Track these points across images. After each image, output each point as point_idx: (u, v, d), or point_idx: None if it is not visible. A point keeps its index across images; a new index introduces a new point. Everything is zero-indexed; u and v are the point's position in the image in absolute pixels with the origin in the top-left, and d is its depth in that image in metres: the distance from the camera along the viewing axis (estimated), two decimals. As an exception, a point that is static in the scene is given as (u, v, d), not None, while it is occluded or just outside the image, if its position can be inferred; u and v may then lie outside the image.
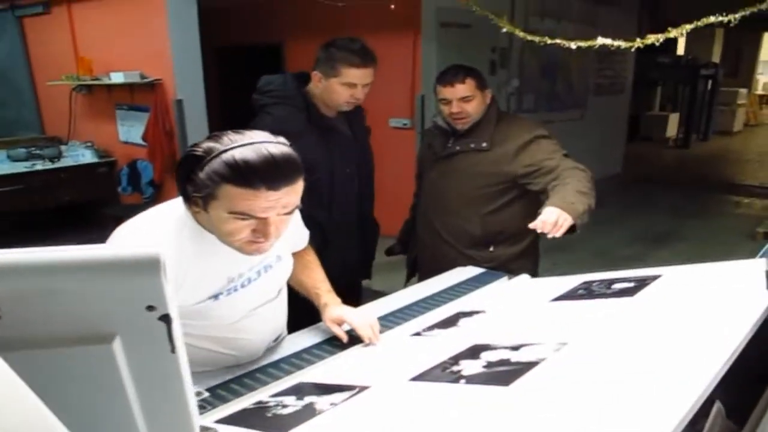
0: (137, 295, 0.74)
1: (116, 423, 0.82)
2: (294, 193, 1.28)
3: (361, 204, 2.50)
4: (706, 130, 13.02)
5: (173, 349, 0.79)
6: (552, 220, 1.89)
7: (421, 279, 2.44)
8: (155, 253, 0.74)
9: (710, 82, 12.53)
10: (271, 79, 2.32)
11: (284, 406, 1.25)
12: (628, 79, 9.03)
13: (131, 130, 5.54)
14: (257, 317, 1.51)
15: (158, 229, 1.34)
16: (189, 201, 1.30)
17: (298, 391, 1.34)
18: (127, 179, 5.57)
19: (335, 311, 1.67)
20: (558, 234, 1.91)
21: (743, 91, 14.58)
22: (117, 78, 5.10)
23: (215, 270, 1.38)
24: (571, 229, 1.96)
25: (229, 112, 7.13)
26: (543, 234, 1.92)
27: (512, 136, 2.35)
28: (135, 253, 0.74)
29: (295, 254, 1.69)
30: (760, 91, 18.04)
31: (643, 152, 11.34)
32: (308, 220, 1.73)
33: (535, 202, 2.35)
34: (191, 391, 0.87)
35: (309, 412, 1.20)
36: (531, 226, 1.91)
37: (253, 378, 1.47)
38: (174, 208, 1.38)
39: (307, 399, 1.27)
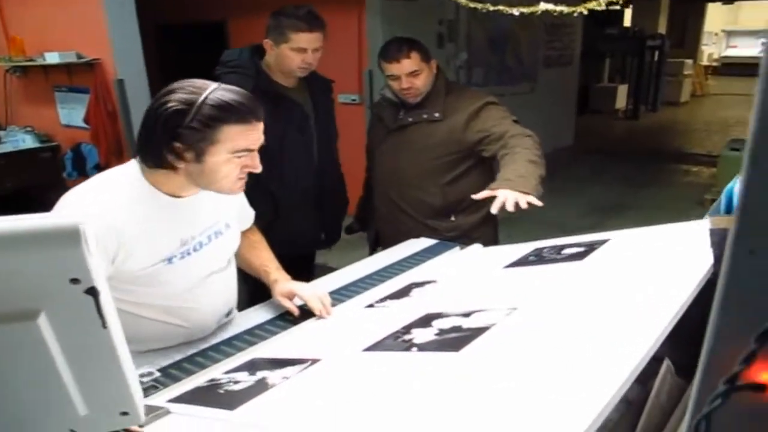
0: (59, 268, 0.70)
1: (51, 402, 0.79)
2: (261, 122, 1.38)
3: (321, 176, 2.48)
4: (654, 101, 13.25)
5: (104, 324, 0.76)
6: (512, 202, 1.86)
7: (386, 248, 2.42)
8: (75, 224, 0.70)
9: (657, 53, 12.70)
10: (231, 52, 2.40)
11: (236, 382, 1.23)
12: (576, 51, 9.11)
13: (72, 112, 5.33)
14: (208, 287, 1.51)
15: (107, 193, 1.34)
16: (176, 159, 1.31)
17: (251, 366, 1.32)
18: (71, 164, 5.38)
19: (285, 286, 1.66)
20: (523, 206, 1.87)
21: (689, 62, 14.85)
22: (52, 58, 4.89)
23: (168, 231, 1.40)
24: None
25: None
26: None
27: (463, 105, 2.34)
28: (54, 224, 0.70)
29: (241, 234, 1.68)
30: (705, 62, 18.45)
31: (593, 124, 11.50)
32: (259, 188, 1.71)
33: (491, 169, 2.40)
34: (130, 367, 0.84)
35: (261, 386, 1.18)
36: (492, 210, 1.87)
37: (205, 356, 1.44)
38: (123, 172, 1.39)
39: (260, 374, 1.24)
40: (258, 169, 1.39)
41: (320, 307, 1.61)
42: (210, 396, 1.15)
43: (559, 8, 3.33)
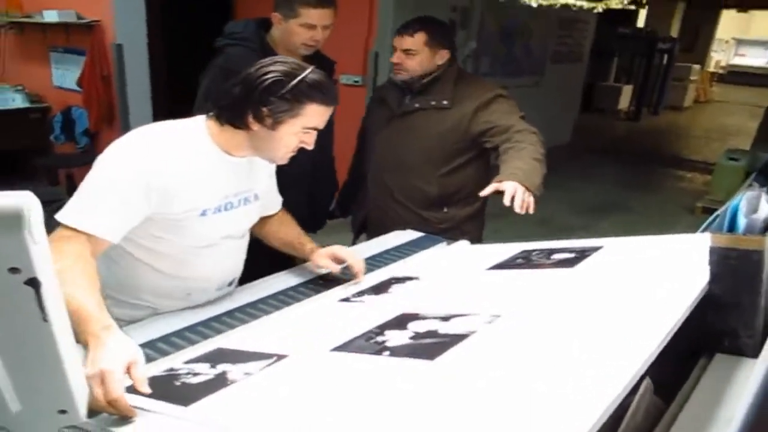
0: (-4, 255, 0.64)
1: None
2: None
3: (312, 158, 2.41)
4: (657, 105, 13.19)
5: (45, 317, 0.70)
6: (520, 197, 1.82)
7: (370, 239, 2.36)
8: (17, 207, 0.63)
9: (666, 56, 12.63)
10: (235, 23, 2.36)
11: (195, 374, 1.16)
12: (586, 48, 9.01)
13: (66, 74, 5.23)
14: (222, 248, 1.59)
15: (169, 137, 1.46)
16: (256, 121, 1.44)
17: (213, 358, 1.25)
18: (60, 127, 5.29)
19: (327, 248, 1.77)
20: (531, 211, 1.85)
21: (696, 67, 14.79)
22: (50, 16, 4.79)
23: (214, 184, 1.50)
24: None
25: (173, 59, 6.82)
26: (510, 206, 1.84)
27: (473, 95, 2.30)
28: None
29: (271, 216, 1.82)
30: (712, 68, 18.37)
31: (594, 123, 11.43)
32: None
33: (488, 164, 2.39)
34: (73, 362, 0.78)
35: (220, 381, 1.11)
36: (505, 202, 1.82)
37: (168, 342, 1.37)
38: (189, 124, 1.52)
39: (221, 367, 1.18)
40: (310, 146, 1.54)
41: (362, 269, 1.71)
42: (165, 388, 1.08)
43: (579, 3, 3.25)
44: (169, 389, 1.10)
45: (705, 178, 7.61)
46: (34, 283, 0.67)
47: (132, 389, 1.06)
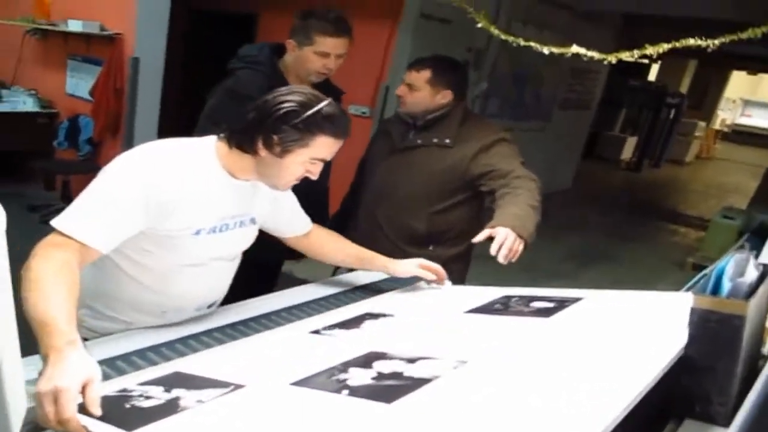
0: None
1: None
2: None
3: (307, 186, 2.40)
4: (659, 157, 13.25)
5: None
6: (508, 246, 1.83)
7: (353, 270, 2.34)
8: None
9: (674, 110, 12.73)
10: (250, 47, 2.38)
11: (147, 398, 1.12)
12: (595, 97, 9.09)
13: (80, 83, 5.29)
14: (208, 269, 1.57)
15: (176, 154, 1.48)
16: (265, 147, 1.45)
17: (169, 382, 1.21)
18: (65, 134, 5.31)
19: (414, 260, 1.91)
20: (513, 260, 1.86)
21: (702, 123, 14.91)
22: (75, 26, 4.85)
23: (211, 206, 1.50)
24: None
25: (192, 78, 6.84)
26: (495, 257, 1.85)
27: (476, 137, 2.29)
28: None
29: (319, 235, 1.91)
30: (717, 126, 18.48)
31: (595, 171, 11.48)
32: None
33: (481, 207, 2.38)
34: (13, 375, 0.75)
35: (171, 407, 1.07)
36: (492, 251, 1.83)
37: (127, 361, 1.33)
38: (199, 143, 1.53)
39: (175, 392, 1.14)
40: (315, 176, 1.55)
41: (444, 275, 1.89)
42: (112, 410, 1.04)
43: (590, 53, 3.27)
44: (117, 412, 1.06)
45: (699, 234, 7.59)
46: None
47: (82, 408, 1.02)
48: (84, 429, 0.98)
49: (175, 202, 1.41)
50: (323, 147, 1.48)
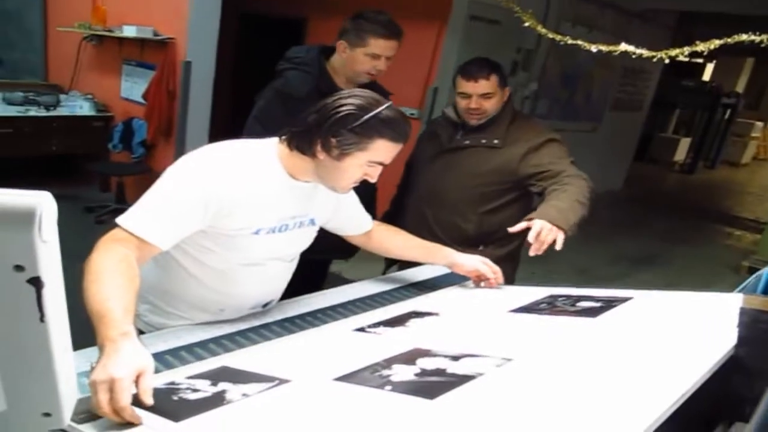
0: (3, 252, 0.63)
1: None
2: None
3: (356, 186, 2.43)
4: (714, 159, 12.90)
5: (42, 318, 0.69)
6: (542, 239, 1.83)
7: (403, 267, 2.33)
8: (31, 205, 0.63)
9: (729, 111, 12.38)
10: (298, 48, 2.40)
11: (194, 391, 1.15)
12: (648, 98, 8.91)
13: (135, 86, 5.44)
14: (266, 269, 1.59)
15: (238, 155, 1.49)
16: (323, 150, 1.45)
17: (216, 376, 1.24)
18: (119, 136, 5.47)
19: (475, 256, 1.94)
20: (557, 247, 1.85)
21: (759, 124, 14.45)
22: (129, 32, 5.00)
23: (272, 206, 1.51)
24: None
25: (241, 81, 6.96)
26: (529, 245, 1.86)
27: (525, 137, 2.30)
28: (6, 202, 0.63)
29: (380, 230, 1.93)
30: (776, 126, 17.87)
31: (647, 173, 11.26)
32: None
33: (530, 206, 2.34)
34: (65, 366, 0.77)
35: (217, 400, 1.09)
36: (530, 238, 1.84)
37: (176, 356, 1.36)
38: (261, 145, 1.55)
39: (221, 386, 1.16)
40: (374, 179, 1.53)
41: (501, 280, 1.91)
42: (161, 402, 1.07)
43: (639, 51, 3.21)
44: (165, 403, 1.08)
45: (755, 237, 7.37)
46: (36, 282, 0.67)
47: (134, 398, 1.05)
48: (139, 417, 1.01)
49: (235, 202, 1.43)
50: (382, 151, 1.46)
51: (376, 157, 1.47)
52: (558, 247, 1.83)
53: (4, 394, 0.77)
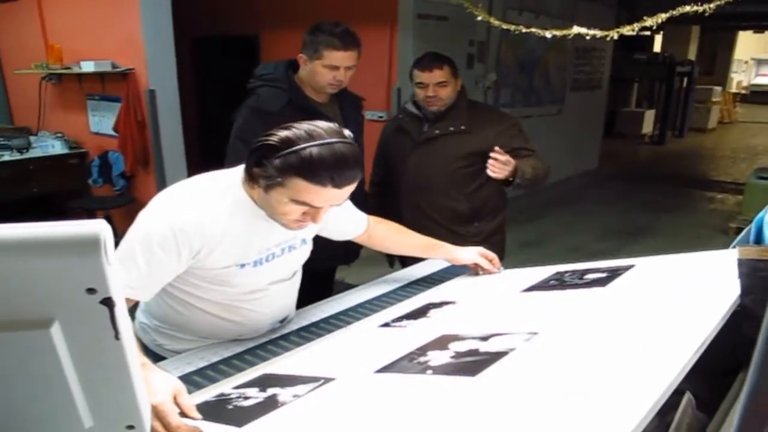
0: (76, 277, 0.69)
1: (57, 411, 0.78)
2: (352, 188, 1.39)
3: None
4: (681, 127, 13.16)
5: (117, 335, 0.75)
6: (502, 158, 2.23)
7: (405, 262, 2.50)
8: (95, 232, 0.69)
9: (686, 79, 12.65)
10: (265, 65, 2.46)
11: (246, 398, 1.21)
12: (605, 75, 9.06)
13: (102, 120, 5.41)
14: (269, 293, 1.59)
15: (205, 193, 1.45)
16: (252, 179, 1.40)
17: (261, 382, 1.30)
18: (98, 171, 5.45)
19: (473, 248, 1.99)
20: (500, 175, 2.30)
21: (718, 89, 14.78)
22: (87, 67, 4.98)
23: (250, 241, 1.48)
24: (508, 183, 2.39)
25: (204, 102, 7.03)
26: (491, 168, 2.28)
27: (489, 120, 2.58)
28: (74, 232, 0.69)
29: (380, 229, 1.94)
30: (734, 89, 18.27)
31: (618, 148, 11.43)
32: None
33: None
34: (140, 379, 0.83)
35: (271, 403, 1.16)
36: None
37: (216, 370, 1.43)
38: (226, 177, 1.50)
39: (270, 391, 1.23)
40: (317, 223, 1.44)
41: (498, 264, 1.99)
42: (219, 411, 1.13)
43: (591, 32, 3.33)
44: (223, 412, 1.15)
45: (736, 199, 7.56)
46: (108, 302, 0.71)
47: (183, 417, 1.11)
48: (197, 428, 1.07)
49: (209, 245, 1.40)
50: (302, 191, 1.34)
51: (297, 196, 1.35)
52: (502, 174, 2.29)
53: (89, 412, 0.82)
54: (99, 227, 0.70)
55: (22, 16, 5.68)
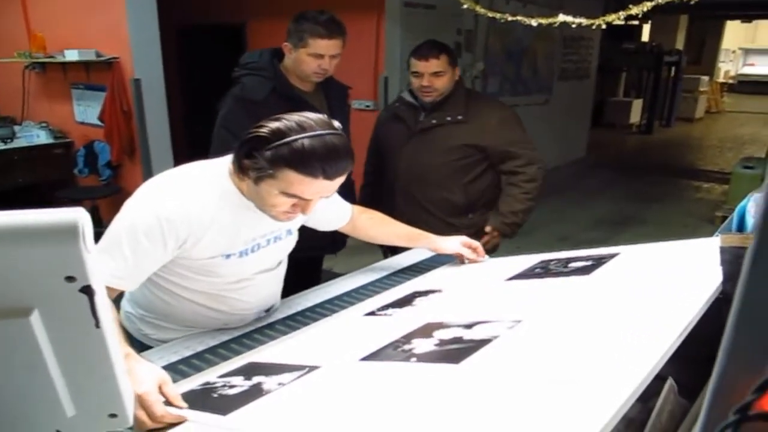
0: (55, 265, 0.69)
1: (38, 400, 0.78)
2: (342, 179, 1.40)
3: None
4: (669, 117, 13.22)
5: (98, 324, 0.75)
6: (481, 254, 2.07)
7: (396, 252, 2.44)
8: (73, 219, 0.69)
9: (674, 69, 12.69)
10: (250, 54, 2.44)
11: (231, 387, 1.22)
12: (593, 65, 9.08)
13: (88, 110, 5.37)
14: (254, 283, 1.59)
15: (191, 183, 1.44)
16: (242, 171, 1.39)
17: (247, 371, 1.30)
18: (83, 161, 5.41)
19: (456, 237, 1.99)
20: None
21: (705, 78, 14.84)
22: (71, 56, 4.93)
23: (237, 232, 1.48)
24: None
25: (190, 91, 6.98)
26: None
27: (486, 111, 2.53)
28: (52, 219, 0.69)
29: (364, 219, 1.95)
30: (721, 79, 18.36)
31: (606, 138, 11.48)
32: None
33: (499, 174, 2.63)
34: (121, 368, 0.83)
35: (256, 392, 1.16)
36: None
37: (201, 359, 1.43)
38: (213, 167, 1.49)
39: (255, 379, 1.23)
40: (307, 214, 1.45)
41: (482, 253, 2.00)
42: (204, 400, 1.14)
43: (577, 20, 3.34)
44: (208, 400, 1.15)
45: (722, 188, 7.61)
46: (88, 290, 0.71)
47: (168, 405, 1.12)
48: (182, 416, 1.07)
49: (194, 235, 1.40)
50: (294, 183, 1.34)
51: (288, 189, 1.35)
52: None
53: (71, 401, 0.82)
54: (77, 215, 0.70)
55: (4, 3, 5.59)
